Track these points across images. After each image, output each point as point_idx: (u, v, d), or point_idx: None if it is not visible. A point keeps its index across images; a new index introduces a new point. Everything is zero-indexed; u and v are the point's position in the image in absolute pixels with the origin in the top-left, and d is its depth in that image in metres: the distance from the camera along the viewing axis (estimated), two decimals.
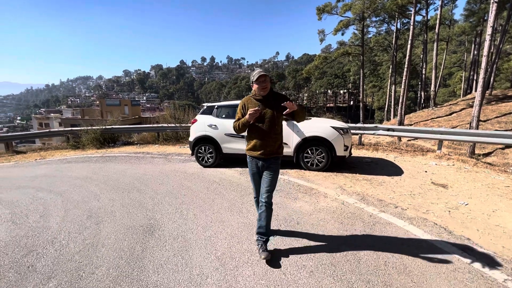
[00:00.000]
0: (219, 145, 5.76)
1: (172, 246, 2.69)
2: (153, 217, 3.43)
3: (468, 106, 23.92)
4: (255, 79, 2.33)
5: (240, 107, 2.50)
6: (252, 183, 2.63)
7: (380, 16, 31.33)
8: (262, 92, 2.36)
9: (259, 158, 2.44)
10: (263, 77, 2.32)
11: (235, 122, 2.47)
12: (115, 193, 4.48)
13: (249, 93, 2.62)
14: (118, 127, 10.12)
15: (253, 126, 2.40)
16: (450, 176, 4.99)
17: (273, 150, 2.43)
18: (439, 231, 2.80)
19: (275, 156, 2.45)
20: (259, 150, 2.41)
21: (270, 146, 2.40)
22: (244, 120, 2.36)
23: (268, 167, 2.44)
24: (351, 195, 3.92)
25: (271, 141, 2.40)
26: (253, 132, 2.43)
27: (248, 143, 2.51)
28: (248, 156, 2.56)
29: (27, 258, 2.59)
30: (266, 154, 2.41)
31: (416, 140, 17.13)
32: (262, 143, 2.39)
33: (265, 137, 2.38)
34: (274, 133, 2.40)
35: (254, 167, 2.52)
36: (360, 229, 2.85)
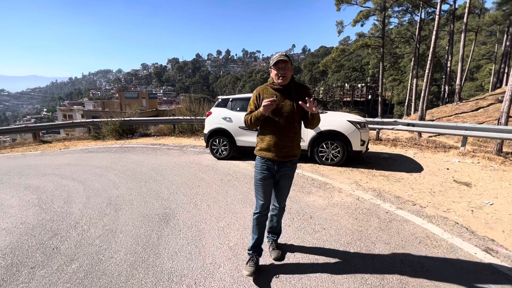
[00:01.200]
0: (233, 137, 5.79)
1: (186, 235, 2.76)
2: (169, 206, 3.53)
3: (497, 101, 22.44)
4: (273, 63, 1.93)
5: (253, 98, 2.06)
6: (260, 192, 2.08)
7: (403, 5, 29.84)
8: (281, 80, 1.95)
9: (273, 160, 2.02)
10: (282, 62, 1.90)
11: (246, 115, 2.07)
12: (133, 182, 4.64)
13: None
14: (136, 119, 10.42)
15: (267, 121, 1.99)
16: (475, 174, 4.74)
17: (290, 151, 2.02)
18: (460, 230, 2.68)
19: (292, 159, 2.06)
20: (273, 151, 2.00)
21: (287, 146, 2.00)
22: (257, 113, 1.94)
23: (285, 173, 2.06)
24: (367, 191, 3.83)
25: (289, 140, 2.00)
26: (267, 128, 2.01)
27: (260, 141, 2.08)
28: (259, 158, 2.09)
29: (52, 241, 2.74)
30: (282, 156, 2.00)
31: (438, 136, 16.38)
32: (277, 142, 1.98)
33: (282, 135, 1.98)
34: (292, 131, 2.00)
35: (266, 170, 2.05)
36: (375, 226, 2.78)
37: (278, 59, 1.90)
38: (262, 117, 1.95)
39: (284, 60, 1.90)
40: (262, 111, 1.90)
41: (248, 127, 2.09)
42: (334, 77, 68.45)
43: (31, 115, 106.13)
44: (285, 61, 1.91)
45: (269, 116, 1.97)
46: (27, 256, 2.46)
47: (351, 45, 38.31)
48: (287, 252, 2.36)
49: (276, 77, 1.96)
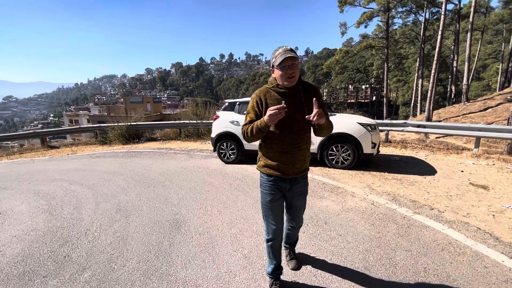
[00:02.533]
0: (241, 141, 5.73)
1: (199, 242, 2.70)
2: (179, 212, 3.47)
3: (506, 100, 22.05)
4: (278, 62, 1.52)
5: (253, 104, 1.68)
6: (269, 215, 1.78)
7: (407, 6, 29.67)
8: (288, 82, 1.56)
9: (284, 179, 1.69)
10: (290, 60, 1.50)
11: (244, 126, 1.68)
12: (142, 187, 4.61)
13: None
14: (142, 124, 10.46)
15: (274, 132, 1.62)
16: (491, 176, 4.59)
17: (303, 166, 1.71)
18: (483, 236, 2.57)
19: (304, 173, 1.74)
20: (283, 168, 1.66)
21: (299, 161, 1.66)
22: (261, 124, 1.55)
23: (298, 192, 1.76)
24: (381, 195, 3.72)
25: (301, 154, 1.66)
26: (274, 141, 1.64)
27: (265, 157, 1.71)
28: (265, 176, 1.74)
29: (63, 248, 2.71)
30: (295, 172, 1.68)
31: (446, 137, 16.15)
32: (287, 158, 1.64)
33: (293, 148, 1.63)
34: (305, 143, 1.66)
35: (275, 190, 1.71)
36: (393, 232, 2.68)
37: (285, 56, 1.49)
38: (266, 128, 1.56)
39: (292, 56, 1.50)
40: (267, 121, 1.50)
41: (247, 141, 1.68)
42: (338, 79, 68.27)
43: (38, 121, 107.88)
44: (294, 57, 1.50)
45: (276, 125, 1.58)
46: (39, 265, 2.43)
47: (354, 47, 38.22)
48: (304, 261, 2.28)
49: (283, 78, 1.56)
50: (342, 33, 33.63)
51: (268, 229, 1.81)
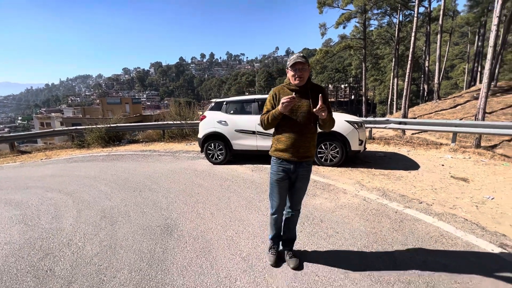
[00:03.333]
0: (229, 141, 5.64)
1: (194, 247, 2.59)
2: (169, 216, 3.33)
3: (473, 98, 23.60)
4: (290, 65, 1.93)
5: (270, 98, 2.07)
6: (275, 194, 2.11)
7: (382, 8, 30.84)
8: (298, 81, 1.95)
9: (290, 161, 2.01)
10: (300, 64, 1.90)
11: (262, 115, 2.05)
12: (127, 192, 4.38)
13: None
14: (123, 126, 10.01)
15: (285, 121, 1.98)
16: (469, 169, 4.85)
17: (307, 152, 2.01)
18: (471, 227, 2.68)
19: (309, 158, 2.04)
20: (290, 152, 1.99)
21: (303, 147, 1.99)
22: (275, 112, 1.94)
23: (301, 174, 2.05)
24: (371, 191, 3.80)
25: (306, 141, 1.99)
26: (284, 128, 2.00)
27: (276, 142, 2.07)
28: (274, 159, 2.10)
29: (44, 262, 2.49)
30: (299, 156, 1.99)
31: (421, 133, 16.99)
32: (294, 142, 1.97)
33: (299, 135, 1.97)
34: (309, 132, 1.99)
35: (282, 172, 2.04)
36: (388, 226, 2.73)
37: (295, 61, 1.90)
38: (280, 115, 1.94)
39: (301, 61, 1.90)
40: (280, 109, 1.90)
41: (264, 128, 2.09)
42: (318, 78, 69.70)
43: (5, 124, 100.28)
44: (302, 62, 1.91)
45: (286, 116, 1.96)
46: (17, 281, 2.20)
47: (334, 47, 39.20)
48: (304, 260, 2.26)
49: (293, 78, 1.97)
50: (322, 33, 34.35)
51: (273, 205, 2.18)
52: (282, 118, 1.97)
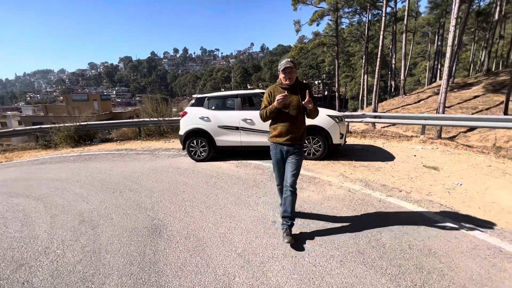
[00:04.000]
0: (213, 138, 5.54)
1: (186, 246, 2.52)
2: (156, 217, 3.20)
3: (434, 93, 25.56)
4: (281, 69, 2.41)
5: (266, 95, 2.56)
6: (276, 171, 2.66)
7: (353, 7, 31.99)
8: (288, 81, 2.43)
9: (285, 144, 2.48)
10: (289, 68, 2.38)
11: (261, 110, 2.55)
12: (105, 194, 4.13)
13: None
14: (94, 123, 9.37)
15: (279, 114, 2.46)
16: (438, 158, 5.25)
17: (298, 137, 2.48)
18: (447, 211, 2.92)
19: (299, 143, 2.51)
20: (284, 137, 2.46)
21: (295, 133, 2.46)
22: (272, 107, 2.43)
23: (293, 153, 2.49)
24: (355, 182, 3.97)
25: (297, 128, 2.46)
26: (279, 119, 2.48)
27: (273, 130, 2.55)
28: (272, 144, 2.59)
29: (18, 274, 2.27)
30: (292, 140, 2.46)
31: (389, 127, 18.06)
32: (288, 130, 2.44)
33: (291, 124, 2.44)
34: (299, 121, 2.47)
35: (279, 153, 2.54)
36: (374, 215, 2.87)
37: (285, 66, 2.38)
38: (276, 109, 2.43)
39: (290, 66, 2.39)
40: (276, 105, 2.38)
41: (263, 120, 2.57)
42: None
43: None
44: (291, 67, 2.39)
45: (280, 110, 2.43)
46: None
47: (308, 44, 40.02)
48: (300, 250, 2.30)
49: (284, 79, 2.45)
50: (296, 30, 34.85)
51: (276, 179, 2.72)
52: (278, 111, 2.44)
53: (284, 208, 2.49)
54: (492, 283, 1.82)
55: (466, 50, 40.11)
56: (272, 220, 2.91)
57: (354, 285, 1.87)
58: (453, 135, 15.46)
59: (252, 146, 5.45)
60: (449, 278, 1.89)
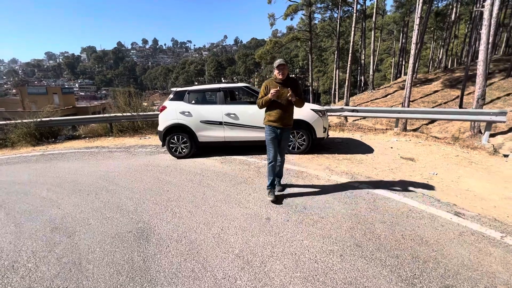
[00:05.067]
0: (195, 133, 5.31)
1: (179, 250, 2.37)
2: (141, 219, 2.98)
3: (400, 88, 27.22)
4: (276, 66, 3.00)
5: (263, 88, 3.14)
6: (271, 147, 3.16)
7: (325, 2, 32.62)
8: (280, 76, 3.02)
9: (278, 128, 3.10)
10: (281, 66, 2.98)
11: (258, 99, 3.15)
12: (79, 196, 3.78)
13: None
14: (58, 119, 8.51)
15: (273, 103, 3.06)
16: (412, 150, 5.57)
17: (288, 121, 3.15)
18: (429, 200, 3.08)
19: (289, 126, 3.20)
20: (278, 122, 3.07)
21: (286, 119, 3.11)
22: (267, 98, 3.02)
23: (285, 135, 3.19)
24: (341, 175, 4.05)
25: (287, 115, 3.11)
26: (273, 107, 3.08)
27: (268, 115, 3.14)
28: (267, 126, 3.16)
29: None
30: (283, 125, 3.09)
31: (360, 120, 18.92)
32: (280, 116, 3.06)
33: (283, 112, 3.05)
34: (289, 109, 3.11)
35: (273, 133, 3.12)
36: (365, 207, 2.94)
37: (279, 63, 3.00)
38: (270, 100, 3.03)
39: (283, 64, 3.01)
40: (270, 97, 2.98)
41: (259, 107, 3.18)
42: (267, 69, 70.94)
43: None
44: (284, 64, 3.01)
45: (274, 100, 3.03)
46: None
47: (283, 38, 40.19)
48: (300, 250, 2.27)
49: (278, 74, 3.03)
50: (271, 24, 34.80)
51: (269, 156, 3.20)
52: (272, 101, 3.05)
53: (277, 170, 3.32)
54: (482, 268, 1.95)
55: (426, 48, 43.12)
56: (266, 217, 2.85)
57: (357, 278, 1.88)
58: (416, 127, 16.63)
59: (237, 142, 5.33)
60: (444, 265, 1.99)
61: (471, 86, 19.61)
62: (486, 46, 7.85)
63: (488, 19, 7.78)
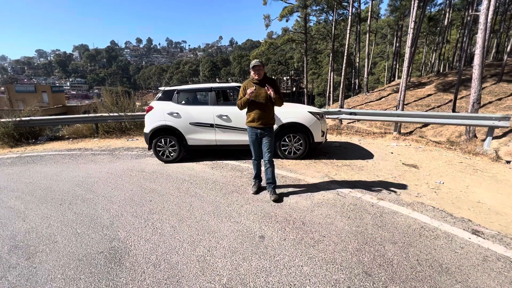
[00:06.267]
0: (184, 136, 4.92)
1: (156, 278, 1.99)
2: (115, 236, 2.59)
3: (393, 91, 27.31)
4: (251, 67, 3.05)
5: (242, 89, 3.19)
6: (252, 148, 3.31)
7: (320, 5, 32.63)
8: (257, 77, 3.08)
9: (258, 127, 3.13)
10: (257, 67, 3.05)
11: (238, 101, 3.20)
12: (49, 206, 3.36)
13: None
14: (39, 119, 7.98)
15: (252, 103, 3.10)
16: (414, 156, 5.30)
17: (267, 121, 3.14)
18: (441, 215, 2.78)
19: (269, 125, 3.17)
20: (257, 121, 3.10)
21: (265, 118, 3.12)
22: (245, 99, 3.08)
23: (265, 135, 3.15)
24: (341, 184, 3.72)
25: (266, 114, 3.12)
26: (252, 107, 3.12)
27: (248, 116, 3.19)
28: (249, 127, 3.22)
29: None
30: (263, 124, 3.11)
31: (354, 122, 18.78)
32: (259, 116, 3.10)
33: (261, 111, 3.09)
34: (268, 108, 3.12)
35: (254, 135, 3.20)
36: (371, 223, 2.62)
37: (254, 65, 3.05)
38: (248, 101, 3.09)
39: (258, 65, 3.05)
40: (248, 97, 3.05)
41: (239, 108, 3.22)
42: None
43: None
44: (259, 65, 3.05)
45: (252, 100, 3.08)
46: None
47: (278, 39, 40.10)
48: (300, 277, 1.92)
49: (254, 75, 3.10)
50: (266, 25, 34.71)
51: (253, 154, 3.36)
52: (251, 101, 3.10)
53: (267, 176, 3.29)
54: None
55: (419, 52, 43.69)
56: (260, 234, 2.50)
57: None
58: (410, 130, 16.56)
59: (229, 145, 4.97)
60: None
61: (463, 90, 19.74)
62: (481, 50, 7.71)
63: (484, 23, 7.65)
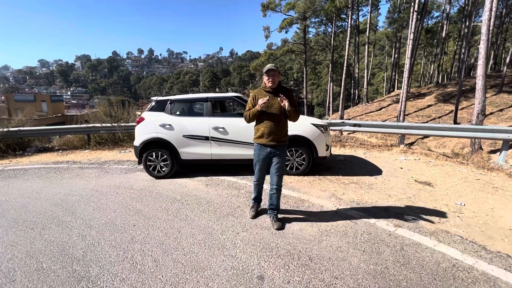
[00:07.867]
0: (176, 149, 4.54)
1: None
2: (86, 274, 2.16)
3: (393, 102, 27.16)
4: (264, 71, 2.55)
5: (250, 99, 2.70)
6: (256, 169, 2.77)
7: (319, 17, 33.07)
8: (270, 84, 2.56)
9: (268, 145, 2.62)
10: (272, 71, 2.53)
11: (245, 112, 2.69)
12: (19, 232, 2.93)
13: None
14: (28, 129, 7.61)
15: (262, 115, 2.59)
16: (426, 171, 4.91)
17: (280, 138, 2.61)
18: (473, 248, 2.36)
19: (282, 143, 2.65)
20: (267, 137, 2.60)
21: (278, 133, 2.59)
22: (254, 110, 2.56)
23: (276, 154, 2.64)
24: (351, 205, 3.30)
25: (278, 129, 2.59)
26: (261, 121, 2.61)
27: (257, 131, 2.67)
28: (256, 145, 2.71)
29: None
30: (275, 140, 2.60)
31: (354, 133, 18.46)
32: (270, 130, 2.58)
33: (274, 124, 2.57)
34: (281, 122, 2.60)
35: (263, 154, 2.66)
36: (391, 259, 2.19)
37: (268, 68, 2.54)
38: (258, 112, 2.57)
39: (273, 69, 2.53)
40: (258, 108, 2.52)
41: (247, 121, 2.69)
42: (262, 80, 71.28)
43: None
44: (274, 69, 2.53)
45: (263, 111, 2.56)
46: None
47: (278, 50, 40.51)
48: None
49: (267, 82, 2.57)
50: (266, 36, 35.15)
51: (256, 176, 2.84)
52: (261, 112, 2.58)
53: (271, 202, 2.82)
54: None
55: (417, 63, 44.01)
56: (258, 274, 2.07)
57: None
58: (412, 141, 16.19)
59: (225, 160, 4.59)
60: None
61: (464, 101, 19.57)
62: (484, 61, 7.47)
63: (486, 33, 7.45)
